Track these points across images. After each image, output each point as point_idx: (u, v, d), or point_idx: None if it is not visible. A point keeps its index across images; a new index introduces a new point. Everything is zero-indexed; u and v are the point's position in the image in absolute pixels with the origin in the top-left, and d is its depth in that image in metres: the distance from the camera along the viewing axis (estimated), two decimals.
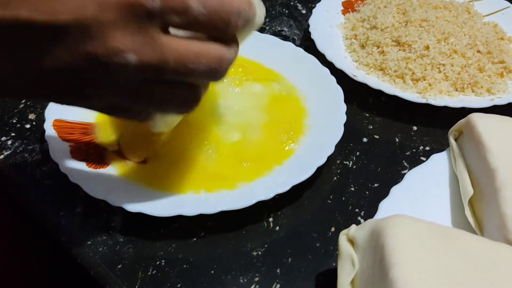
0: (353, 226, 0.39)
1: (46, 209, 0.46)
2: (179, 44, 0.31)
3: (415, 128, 0.56)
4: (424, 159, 0.52)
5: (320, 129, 0.51)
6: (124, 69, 0.30)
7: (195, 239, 0.44)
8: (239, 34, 0.35)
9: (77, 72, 0.30)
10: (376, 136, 0.55)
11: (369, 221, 0.39)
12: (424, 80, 0.58)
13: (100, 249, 0.43)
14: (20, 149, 0.51)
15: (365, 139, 0.54)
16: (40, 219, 0.46)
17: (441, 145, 0.54)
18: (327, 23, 0.67)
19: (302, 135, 0.51)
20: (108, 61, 0.29)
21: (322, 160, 0.47)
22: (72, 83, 0.31)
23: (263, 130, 0.51)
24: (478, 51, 0.61)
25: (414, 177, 0.46)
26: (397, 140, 0.54)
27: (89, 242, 0.44)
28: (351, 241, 0.39)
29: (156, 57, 0.30)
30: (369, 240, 0.37)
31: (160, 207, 0.43)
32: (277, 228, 0.45)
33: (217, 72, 0.33)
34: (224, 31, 0.33)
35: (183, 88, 0.34)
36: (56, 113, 0.50)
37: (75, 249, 0.43)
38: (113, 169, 0.46)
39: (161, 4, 0.30)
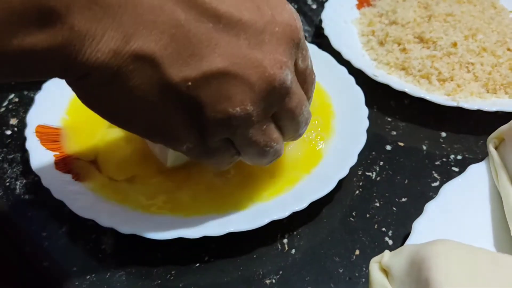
0: (387, 253, 0.33)
1: (26, 229, 0.40)
2: (275, 135, 0.33)
3: (443, 134, 0.50)
4: (456, 169, 0.46)
5: (339, 136, 0.45)
6: (280, 86, 0.30)
7: (198, 264, 0.38)
8: None
9: (238, 82, 0.29)
10: (401, 144, 0.49)
11: (407, 247, 0.33)
12: (452, 80, 0.52)
13: (88, 276, 0.37)
14: None
15: (388, 147, 0.48)
16: (20, 240, 0.40)
17: (475, 154, 0.48)
18: (341, 18, 0.61)
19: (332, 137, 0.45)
20: (273, 72, 0.29)
21: (344, 172, 0.41)
22: (226, 99, 0.29)
23: None
24: (509, 49, 0.55)
25: (450, 191, 0.40)
26: (424, 148, 0.48)
27: (75, 269, 0.38)
28: (385, 271, 0.33)
29: (295, 85, 0.32)
30: (409, 271, 0.31)
31: (157, 228, 0.37)
32: (293, 251, 0.39)
33: (306, 126, 0.36)
34: (311, 91, 0.36)
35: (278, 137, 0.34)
36: (40, 117, 0.44)
37: (59, 276, 0.37)
38: (102, 184, 0.40)
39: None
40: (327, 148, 0.44)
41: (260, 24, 0.29)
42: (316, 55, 0.52)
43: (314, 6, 0.68)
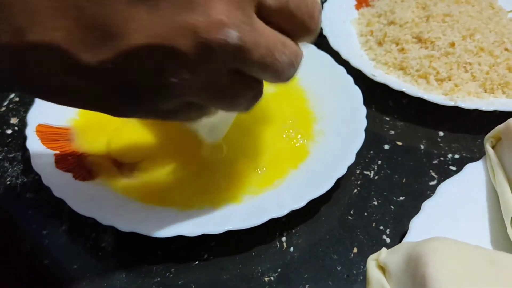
0: (384, 250, 0.33)
1: (27, 227, 0.41)
2: (269, 30, 0.28)
3: (441, 133, 0.50)
4: (453, 168, 0.46)
5: (337, 135, 0.45)
6: (222, 49, 0.26)
7: (197, 262, 0.38)
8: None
9: (167, 54, 0.25)
10: (399, 143, 0.49)
11: (404, 244, 0.33)
12: (450, 80, 0.52)
13: (88, 274, 0.37)
14: (0, 157, 0.46)
15: (386, 146, 0.48)
16: (20, 238, 0.40)
17: (472, 153, 0.48)
18: (339, 19, 0.62)
19: (313, 140, 0.46)
20: (209, 37, 0.25)
21: (342, 171, 0.41)
22: (157, 72, 0.26)
23: (267, 129, 0.46)
24: (506, 49, 0.56)
25: (447, 190, 0.40)
26: (422, 147, 0.49)
27: (75, 266, 0.38)
28: (382, 268, 0.33)
29: (252, 39, 0.26)
30: (405, 268, 0.31)
31: (157, 226, 0.37)
32: (291, 249, 0.40)
33: (293, 68, 0.30)
34: (308, 26, 0.30)
35: (254, 82, 0.30)
36: (40, 116, 0.45)
37: (59, 274, 0.38)
38: (103, 182, 0.40)
39: None
40: (324, 146, 0.44)
41: None
42: (314, 55, 0.53)
43: None
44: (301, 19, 0.29)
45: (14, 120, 0.49)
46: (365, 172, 0.46)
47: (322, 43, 0.56)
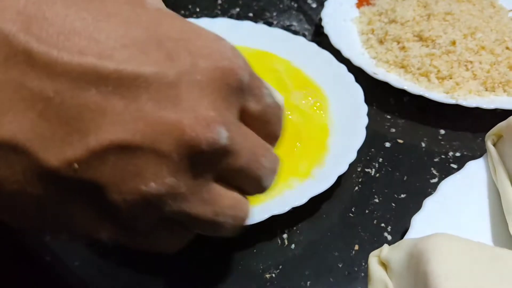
0: (386, 247, 0.34)
1: None
2: (253, 134, 0.26)
3: (442, 131, 0.50)
4: (455, 166, 0.47)
5: (339, 133, 0.45)
6: (211, 150, 0.23)
7: (198, 258, 0.38)
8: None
9: (145, 154, 0.22)
10: (400, 141, 0.49)
11: (405, 241, 0.33)
12: (451, 78, 0.52)
13: (89, 271, 0.37)
14: None
15: (387, 144, 0.49)
16: (21, 235, 0.40)
17: (473, 151, 0.48)
18: (340, 17, 0.62)
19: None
20: (197, 135, 0.22)
21: (343, 168, 0.41)
22: (133, 176, 0.22)
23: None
24: (507, 48, 0.56)
25: (448, 187, 0.40)
26: (423, 145, 0.49)
27: (77, 263, 0.38)
28: (384, 264, 0.33)
29: (240, 140, 0.24)
30: (407, 264, 0.31)
31: None
32: (293, 246, 0.40)
33: (273, 175, 0.28)
34: (277, 134, 0.28)
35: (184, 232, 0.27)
36: None
37: (61, 271, 0.38)
38: None
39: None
40: (328, 144, 0.44)
41: (171, 76, 0.22)
42: (316, 54, 0.53)
43: (314, 5, 0.68)
44: (274, 128, 0.28)
45: None
46: (366, 170, 0.46)
47: (323, 41, 0.56)
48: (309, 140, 0.44)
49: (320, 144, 0.44)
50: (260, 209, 0.38)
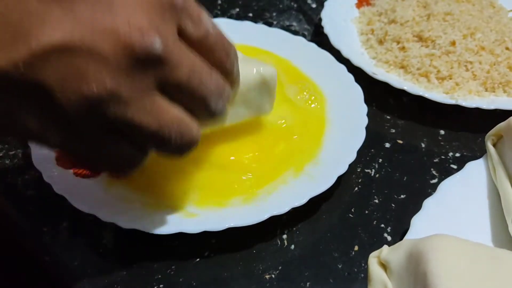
0: (385, 247, 0.33)
1: (27, 224, 0.41)
2: (195, 54, 0.28)
3: (442, 132, 0.50)
4: (454, 166, 0.46)
5: (338, 133, 0.45)
6: (145, 56, 0.25)
7: (198, 259, 0.38)
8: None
9: (85, 56, 0.24)
10: (400, 141, 0.49)
11: (405, 241, 0.33)
12: (451, 79, 0.52)
13: (89, 271, 0.37)
14: (1, 154, 0.46)
15: (387, 144, 0.48)
16: (21, 235, 0.40)
17: (473, 151, 0.48)
18: (340, 17, 0.62)
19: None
20: (131, 40, 0.24)
21: (343, 169, 0.41)
22: (75, 76, 0.24)
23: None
24: (507, 48, 0.56)
25: (448, 188, 0.40)
26: (423, 145, 0.49)
27: (76, 263, 0.38)
28: (383, 265, 0.33)
29: (177, 54, 0.26)
30: (406, 265, 0.31)
31: (158, 223, 0.37)
32: (292, 246, 0.40)
33: (221, 100, 0.30)
34: (224, 64, 0.30)
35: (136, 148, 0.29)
36: None
37: (60, 271, 0.38)
38: (104, 179, 0.40)
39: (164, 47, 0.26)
40: (325, 144, 0.44)
41: None
42: (315, 54, 0.53)
43: (314, 5, 0.68)
44: (219, 56, 0.29)
45: None
46: (366, 170, 0.46)
47: (323, 41, 0.56)
48: (304, 135, 0.45)
49: (315, 139, 0.45)
50: (260, 209, 0.38)
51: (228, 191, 0.40)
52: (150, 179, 0.40)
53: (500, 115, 0.49)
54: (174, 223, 0.37)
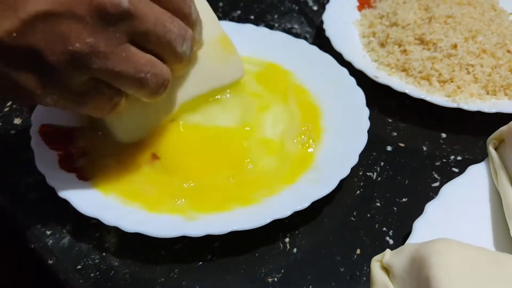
0: (388, 251, 0.34)
1: (31, 227, 0.41)
2: (156, 5, 0.32)
3: (443, 135, 0.50)
4: (456, 170, 0.47)
5: (340, 136, 0.45)
6: (115, 12, 0.30)
7: (200, 263, 0.39)
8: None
9: (67, 20, 0.29)
10: (401, 144, 0.49)
11: (408, 245, 0.33)
12: (452, 82, 0.53)
13: (92, 274, 0.38)
14: (4, 157, 0.46)
15: (389, 148, 0.49)
16: (24, 238, 0.40)
17: (475, 155, 0.48)
18: (342, 20, 0.62)
19: (319, 141, 0.46)
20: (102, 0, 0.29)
21: (345, 172, 0.41)
22: (61, 38, 0.29)
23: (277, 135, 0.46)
24: (508, 51, 0.56)
25: (450, 192, 0.40)
26: (424, 148, 0.49)
27: (79, 266, 0.38)
28: (386, 269, 0.33)
29: (142, 7, 0.31)
30: (409, 269, 0.31)
31: (161, 227, 0.37)
32: (295, 250, 0.40)
33: (185, 42, 0.35)
34: (182, 8, 0.34)
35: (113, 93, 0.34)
36: (44, 117, 0.45)
37: (64, 274, 0.38)
38: (107, 182, 0.40)
39: None
40: (327, 147, 0.44)
41: None
42: (317, 56, 0.53)
43: (315, 8, 0.68)
44: (176, 2, 0.34)
45: (17, 121, 0.49)
46: (368, 174, 0.46)
47: (324, 44, 0.56)
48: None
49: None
50: (262, 213, 0.38)
51: (228, 196, 0.40)
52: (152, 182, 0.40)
53: (501, 118, 0.49)
54: (177, 227, 0.37)
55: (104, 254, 0.39)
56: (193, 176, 0.41)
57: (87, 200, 0.38)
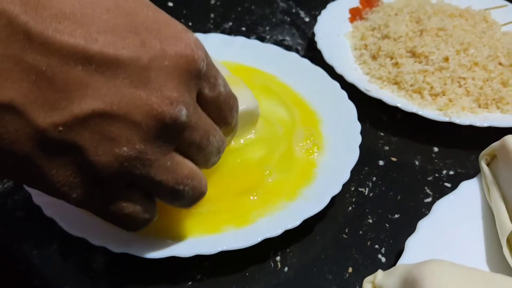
0: (380, 272, 0.33)
1: (17, 246, 0.40)
2: (206, 116, 0.32)
3: (436, 149, 0.50)
4: (448, 185, 0.46)
5: (331, 152, 0.45)
6: (173, 123, 0.28)
7: (190, 283, 0.38)
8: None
9: (120, 122, 0.27)
10: (394, 159, 0.49)
11: (400, 266, 0.33)
12: (444, 95, 0.52)
13: None
14: None
15: (381, 162, 0.48)
16: (10, 258, 0.40)
17: (467, 169, 0.48)
18: (333, 32, 0.61)
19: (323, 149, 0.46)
20: (162, 110, 0.27)
21: (337, 189, 0.41)
22: (108, 140, 0.27)
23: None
24: (500, 64, 0.56)
25: (442, 209, 0.40)
26: (417, 163, 0.49)
27: (66, 287, 0.37)
28: None
29: (196, 119, 0.30)
30: None
31: (149, 247, 0.36)
32: (286, 269, 0.39)
33: (219, 154, 0.34)
34: (227, 119, 0.34)
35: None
36: None
37: None
38: None
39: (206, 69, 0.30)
40: (319, 163, 0.44)
41: (144, 61, 0.27)
42: (309, 70, 0.53)
43: (307, 19, 0.68)
44: (225, 113, 0.34)
45: None
46: (360, 189, 0.45)
47: (316, 57, 0.56)
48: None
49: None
50: (253, 232, 0.38)
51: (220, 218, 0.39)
52: None
53: (493, 131, 0.49)
54: (166, 247, 0.36)
55: (91, 274, 0.38)
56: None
57: (74, 219, 0.38)
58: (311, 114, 0.49)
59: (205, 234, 0.38)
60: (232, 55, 0.54)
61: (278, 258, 0.40)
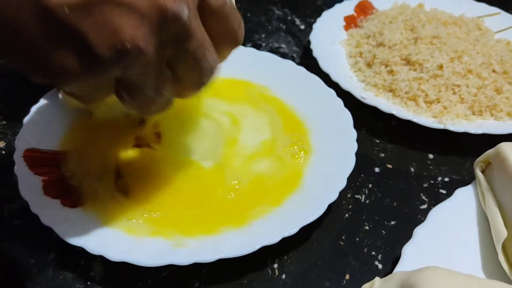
0: (377, 280, 0.33)
1: (14, 255, 0.40)
2: (204, 30, 0.31)
3: (431, 156, 0.50)
4: (443, 191, 0.47)
5: (328, 159, 0.45)
6: (174, 20, 0.28)
7: None
8: None
9: (125, 10, 0.27)
10: (389, 166, 0.49)
11: (396, 274, 0.33)
12: (439, 102, 0.53)
13: None
14: None
15: (377, 169, 0.49)
16: (7, 266, 0.39)
17: (462, 175, 0.48)
18: (329, 40, 0.62)
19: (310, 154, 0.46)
20: (166, 4, 0.27)
21: (333, 196, 0.41)
22: (112, 30, 0.27)
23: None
24: (494, 71, 0.56)
25: (438, 215, 0.40)
26: (412, 170, 0.49)
27: None
28: None
29: (195, 25, 0.29)
30: None
31: (147, 255, 0.36)
32: (283, 276, 0.39)
33: (211, 75, 0.33)
34: (236, 33, 0.33)
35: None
36: (28, 141, 0.44)
37: None
38: (92, 209, 0.40)
39: None
40: (315, 170, 0.44)
41: None
42: (304, 78, 0.53)
43: (303, 27, 0.68)
44: (232, 25, 0.32)
45: (1, 144, 0.48)
46: (356, 196, 0.46)
47: (311, 64, 0.56)
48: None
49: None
50: (251, 239, 0.38)
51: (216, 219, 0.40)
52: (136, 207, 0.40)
53: (488, 138, 0.49)
54: (164, 255, 0.36)
55: (89, 283, 0.38)
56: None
57: (72, 227, 0.38)
58: (300, 122, 0.50)
59: (203, 235, 0.38)
60: (227, 64, 0.54)
61: (275, 265, 0.40)
